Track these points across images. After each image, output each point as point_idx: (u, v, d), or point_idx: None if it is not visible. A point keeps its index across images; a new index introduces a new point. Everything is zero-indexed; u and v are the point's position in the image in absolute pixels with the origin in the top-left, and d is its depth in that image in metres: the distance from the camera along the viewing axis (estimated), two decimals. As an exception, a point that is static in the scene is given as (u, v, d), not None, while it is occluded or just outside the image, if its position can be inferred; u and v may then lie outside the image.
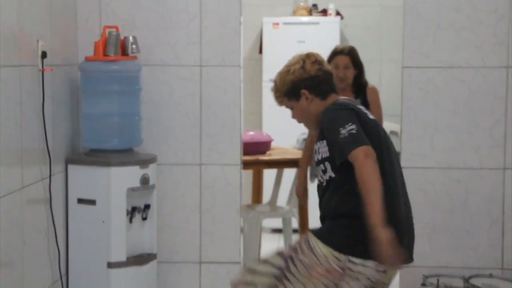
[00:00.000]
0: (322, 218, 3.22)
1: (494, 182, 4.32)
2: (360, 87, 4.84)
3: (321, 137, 3.18)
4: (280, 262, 3.14)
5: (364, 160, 2.92)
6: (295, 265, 3.09)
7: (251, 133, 5.66)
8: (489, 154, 4.31)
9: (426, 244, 4.36)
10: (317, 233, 3.12)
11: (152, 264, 4.27)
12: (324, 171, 3.16)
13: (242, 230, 4.77)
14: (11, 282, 3.46)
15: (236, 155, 4.45)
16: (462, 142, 4.33)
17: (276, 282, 3.11)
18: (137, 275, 4.17)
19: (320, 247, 3.06)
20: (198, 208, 4.46)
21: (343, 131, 3.00)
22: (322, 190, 3.22)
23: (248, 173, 5.72)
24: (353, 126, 3.00)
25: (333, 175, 3.11)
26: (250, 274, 3.21)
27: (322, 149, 3.16)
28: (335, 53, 4.84)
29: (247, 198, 5.87)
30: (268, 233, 6.64)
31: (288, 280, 3.09)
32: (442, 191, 4.36)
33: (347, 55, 4.81)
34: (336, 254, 3.03)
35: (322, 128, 3.17)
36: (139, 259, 4.20)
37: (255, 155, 5.44)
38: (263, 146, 5.57)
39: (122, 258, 4.09)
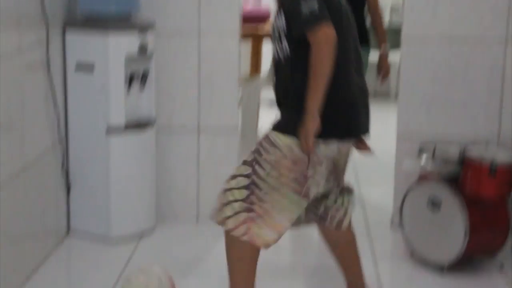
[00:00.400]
0: (279, 102, 3.11)
1: (496, 52, 4.29)
2: None
3: (280, 11, 3.03)
4: (247, 169, 3.03)
5: (323, 44, 2.82)
6: (262, 168, 2.99)
7: (251, 4, 5.59)
8: (492, 25, 4.27)
9: (424, 115, 4.38)
10: (275, 127, 3.03)
11: (151, 130, 4.30)
12: (281, 48, 3.02)
13: (240, 101, 4.78)
14: (11, 145, 3.49)
15: (235, 25, 4.40)
16: (464, 12, 4.27)
17: (249, 194, 3.00)
18: (135, 141, 4.21)
19: (281, 139, 2.98)
20: (197, 77, 4.45)
21: (304, 5, 2.85)
22: (278, 70, 3.09)
23: (247, 45, 5.67)
24: (313, 2, 2.85)
25: (290, 52, 2.99)
26: (225, 195, 3.09)
27: (279, 23, 3.03)
28: None
29: (246, 70, 5.85)
30: (267, 106, 6.65)
31: (259, 187, 2.99)
32: (442, 62, 4.34)
33: None
34: (298, 140, 2.96)
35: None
36: (138, 124, 4.23)
37: (255, 25, 5.37)
38: (262, 17, 5.51)
39: (121, 124, 4.12)
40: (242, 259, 3.10)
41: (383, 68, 4.65)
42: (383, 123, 3.89)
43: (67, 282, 3.89)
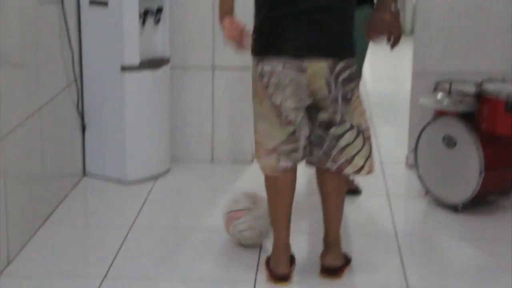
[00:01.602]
0: None
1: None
2: None
3: None
4: None
5: None
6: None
7: None
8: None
9: (440, 50, 4.35)
10: None
11: (165, 68, 4.28)
12: None
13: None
14: (26, 84, 3.48)
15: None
16: None
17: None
18: (150, 79, 4.19)
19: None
20: (211, 13, 4.40)
21: None
22: None
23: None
24: None
25: None
26: None
27: None
28: None
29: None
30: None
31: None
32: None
33: None
34: (253, 60, 3.11)
35: None
36: (153, 63, 4.21)
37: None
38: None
39: (135, 61, 4.10)
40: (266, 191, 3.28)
41: (392, 33, 3.43)
42: (398, 60, 3.85)
43: (84, 222, 3.94)
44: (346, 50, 3.09)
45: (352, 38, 3.11)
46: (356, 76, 3.15)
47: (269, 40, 3.06)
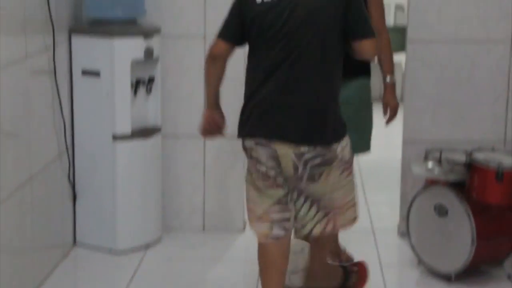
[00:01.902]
0: None
1: (501, 55, 4.29)
2: None
3: None
4: None
5: (207, 58, 3.26)
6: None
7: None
8: (497, 27, 4.26)
9: (429, 119, 4.37)
10: None
11: (157, 137, 4.29)
12: None
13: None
14: (18, 154, 3.48)
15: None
16: (469, 14, 4.26)
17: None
18: (141, 148, 4.20)
19: None
20: (203, 81, 4.42)
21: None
22: None
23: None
24: (227, 16, 3.22)
25: None
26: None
27: None
28: None
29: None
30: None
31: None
32: (447, 65, 4.33)
33: None
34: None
35: None
36: (144, 132, 4.22)
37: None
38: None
39: (127, 130, 4.11)
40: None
41: (388, 104, 3.76)
42: (389, 127, 3.88)
43: (74, 293, 3.90)
44: (317, 138, 3.08)
45: (335, 123, 3.12)
46: (335, 159, 3.14)
47: (245, 122, 3.19)
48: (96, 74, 4.06)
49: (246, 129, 3.18)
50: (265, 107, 3.11)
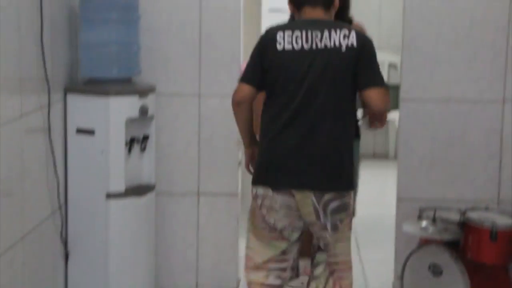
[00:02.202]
0: None
1: (493, 115, 4.32)
2: None
3: None
4: None
5: (232, 103, 3.38)
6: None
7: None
8: (489, 87, 4.30)
9: (423, 177, 4.38)
10: None
11: (151, 195, 4.29)
12: None
13: (240, 162, 4.78)
14: (11, 211, 3.46)
15: (235, 86, 4.41)
16: (461, 74, 4.31)
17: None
18: (135, 206, 4.19)
19: None
20: (197, 139, 4.46)
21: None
22: None
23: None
24: (249, 61, 3.30)
25: None
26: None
27: None
28: None
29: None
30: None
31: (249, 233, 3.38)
32: (441, 123, 4.36)
33: None
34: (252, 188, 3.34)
35: None
36: (138, 190, 4.22)
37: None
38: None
39: (121, 189, 4.10)
40: None
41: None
42: (383, 184, 3.89)
43: None
44: (336, 184, 3.19)
45: (349, 171, 3.22)
46: (349, 206, 3.26)
47: (261, 171, 3.25)
48: (90, 132, 4.07)
49: (265, 177, 3.23)
50: (285, 155, 3.18)
